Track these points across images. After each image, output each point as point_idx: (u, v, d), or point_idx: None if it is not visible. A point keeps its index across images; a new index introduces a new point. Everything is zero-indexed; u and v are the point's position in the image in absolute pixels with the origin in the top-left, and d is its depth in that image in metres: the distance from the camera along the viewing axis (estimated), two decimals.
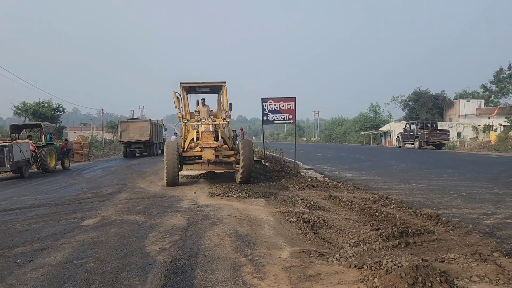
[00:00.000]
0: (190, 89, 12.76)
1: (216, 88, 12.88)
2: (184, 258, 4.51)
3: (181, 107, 12.01)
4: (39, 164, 16.91)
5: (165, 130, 36.75)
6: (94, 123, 71.95)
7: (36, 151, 16.66)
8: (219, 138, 11.36)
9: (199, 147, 10.89)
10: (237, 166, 11.16)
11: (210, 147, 10.69)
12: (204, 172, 12.57)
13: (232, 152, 11.54)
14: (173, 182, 10.76)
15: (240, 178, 10.72)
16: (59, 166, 19.10)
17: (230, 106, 12.13)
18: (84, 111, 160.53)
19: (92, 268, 4.28)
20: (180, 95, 12.09)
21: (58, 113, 41.43)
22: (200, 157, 11.08)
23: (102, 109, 66.26)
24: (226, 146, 11.79)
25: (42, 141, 18.04)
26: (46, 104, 39.66)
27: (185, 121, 11.93)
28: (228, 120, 11.99)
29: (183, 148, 11.67)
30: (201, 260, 4.41)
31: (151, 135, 28.87)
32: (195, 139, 11.33)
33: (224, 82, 12.09)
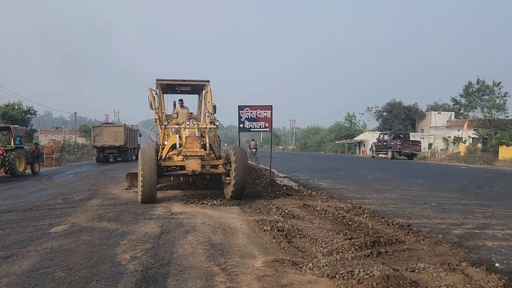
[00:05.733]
0: (168, 87, 11.22)
1: (197, 88, 11.54)
2: (156, 267, 4.42)
3: (158, 108, 10.48)
4: (7, 168, 16.33)
5: (140, 136, 36.32)
6: (67, 127, 70.12)
7: (4, 154, 16.09)
8: (207, 145, 9.30)
9: (182, 155, 8.88)
10: (227, 178, 9.49)
11: (196, 156, 8.81)
12: None
13: (220, 162, 9.73)
14: (150, 198, 8.84)
15: (232, 193, 9.16)
16: (28, 171, 18.51)
17: (214, 109, 10.65)
18: (56, 114, 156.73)
19: (59, 277, 4.14)
20: (156, 93, 10.58)
21: (29, 115, 40.52)
22: (182, 168, 9.11)
23: (75, 112, 65.10)
24: (213, 154, 9.78)
25: (11, 144, 17.47)
26: (16, 106, 38.69)
27: (165, 124, 9.92)
28: (217, 124, 10.28)
29: (161, 156, 9.50)
30: (173, 269, 4.34)
31: (126, 140, 28.40)
32: (177, 146, 9.07)
33: (208, 81, 10.78)
